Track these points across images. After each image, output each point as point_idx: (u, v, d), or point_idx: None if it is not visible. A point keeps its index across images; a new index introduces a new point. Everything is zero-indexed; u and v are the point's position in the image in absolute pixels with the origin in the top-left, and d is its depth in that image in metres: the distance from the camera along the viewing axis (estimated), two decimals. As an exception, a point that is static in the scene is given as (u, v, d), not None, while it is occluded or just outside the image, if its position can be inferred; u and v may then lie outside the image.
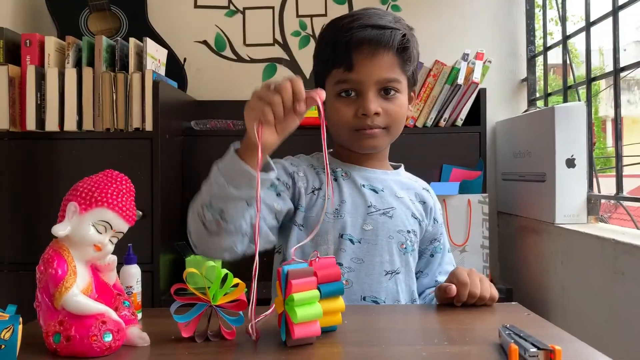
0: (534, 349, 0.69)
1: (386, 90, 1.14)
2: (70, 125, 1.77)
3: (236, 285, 0.83)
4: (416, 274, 1.23)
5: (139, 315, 0.94)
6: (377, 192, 1.18)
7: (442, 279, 1.21)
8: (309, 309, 0.77)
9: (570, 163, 1.71)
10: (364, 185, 1.18)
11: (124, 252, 0.96)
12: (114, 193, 0.80)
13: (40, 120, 1.77)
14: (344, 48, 1.12)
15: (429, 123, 2.01)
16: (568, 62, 1.96)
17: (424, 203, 1.24)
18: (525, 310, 0.99)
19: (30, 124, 1.76)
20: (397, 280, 1.15)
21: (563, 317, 1.68)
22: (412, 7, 2.26)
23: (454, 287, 0.99)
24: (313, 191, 1.17)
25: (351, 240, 1.14)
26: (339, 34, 1.13)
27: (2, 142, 1.77)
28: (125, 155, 1.78)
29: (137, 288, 0.94)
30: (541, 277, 1.84)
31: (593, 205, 1.73)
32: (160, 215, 1.78)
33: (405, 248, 1.17)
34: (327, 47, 1.16)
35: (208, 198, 0.98)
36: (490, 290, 1.01)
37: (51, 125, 1.76)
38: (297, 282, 0.78)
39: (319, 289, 0.80)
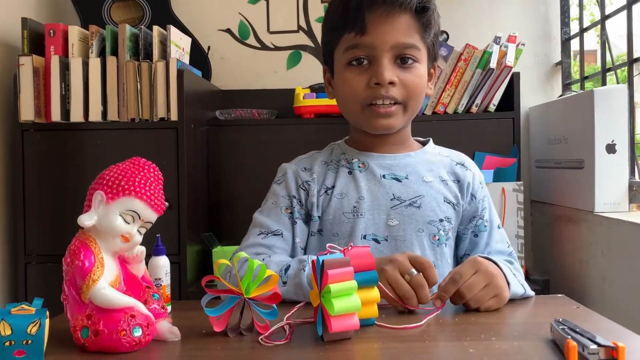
0: (594, 346, 0.63)
1: (403, 59, 1.03)
2: (95, 115, 1.75)
3: (269, 277, 0.79)
4: (462, 257, 1.13)
5: (169, 309, 0.91)
6: (400, 181, 1.08)
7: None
8: (346, 301, 0.73)
9: (611, 149, 1.63)
10: (384, 176, 1.08)
11: (152, 243, 0.92)
12: (142, 181, 0.77)
13: (65, 111, 1.75)
14: (355, 8, 1.01)
15: (460, 109, 1.94)
16: (607, 44, 1.88)
17: (458, 182, 1.11)
18: (574, 302, 0.93)
19: (55, 115, 1.74)
20: None
21: (603, 309, 1.61)
22: (440, -10, 2.19)
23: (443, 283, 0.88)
24: (326, 191, 1.09)
25: (376, 240, 1.06)
26: None
27: (27, 134, 1.76)
28: (150, 146, 1.76)
29: (166, 280, 0.91)
30: (579, 267, 1.77)
31: (635, 193, 1.65)
32: (187, 206, 1.75)
33: (439, 240, 1.07)
34: (337, 11, 1.05)
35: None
36: (486, 301, 0.87)
37: (76, 116, 1.75)
38: (333, 273, 0.73)
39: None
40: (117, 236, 0.75)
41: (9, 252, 1.82)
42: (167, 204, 1.71)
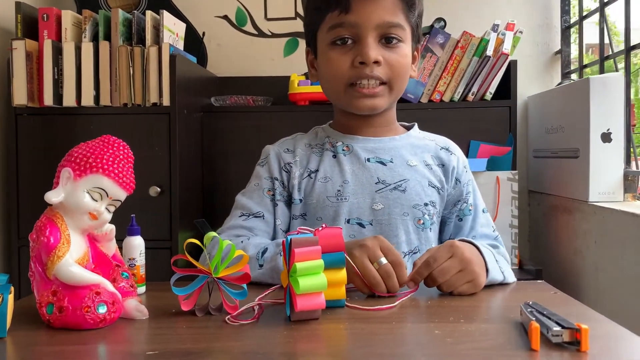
0: (557, 328, 0.62)
1: (388, 39, 1.02)
2: (88, 100, 1.75)
3: (239, 257, 0.78)
4: None
5: (143, 289, 0.91)
6: (385, 165, 1.07)
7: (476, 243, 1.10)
8: (312, 279, 0.72)
9: (606, 137, 1.61)
10: (369, 160, 1.08)
11: (127, 223, 0.92)
12: (110, 159, 0.76)
13: (58, 95, 1.75)
14: None
15: (457, 97, 1.92)
16: (605, 31, 1.84)
17: (442, 166, 1.10)
18: (552, 288, 0.92)
19: (48, 99, 1.74)
20: None
21: (596, 298, 1.60)
22: (439, -23, 2.17)
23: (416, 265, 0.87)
24: (310, 174, 1.08)
25: (360, 224, 1.05)
26: None
27: (21, 118, 1.76)
28: (142, 131, 1.75)
29: (140, 260, 0.90)
30: (573, 257, 1.75)
31: (630, 183, 1.62)
32: (179, 192, 1.74)
33: (423, 224, 1.06)
34: None
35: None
36: (459, 286, 0.86)
37: (68, 100, 1.74)
38: (300, 251, 0.72)
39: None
40: (85, 213, 0.74)
41: (2, 236, 1.83)
42: (157, 188, 1.72)
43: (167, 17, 1.80)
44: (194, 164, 1.92)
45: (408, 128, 1.17)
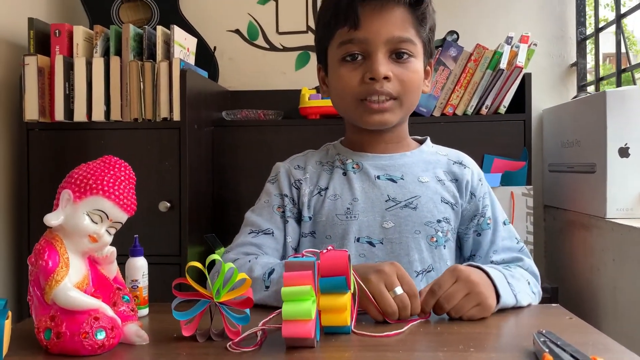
0: (571, 361, 0.59)
1: (398, 54, 1.00)
2: (98, 115, 1.75)
3: (242, 281, 0.76)
4: (468, 258, 1.08)
5: (145, 311, 0.89)
6: (395, 182, 1.05)
7: (498, 258, 1.03)
8: (296, 306, 0.69)
9: (624, 152, 1.57)
10: (378, 177, 1.05)
11: (130, 243, 0.91)
12: (111, 180, 0.75)
13: (69, 110, 1.76)
14: (348, 2, 0.99)
15: (470, 111, 1.89)
16: (622, 43, 1.81)
17: (456, 180, 1.07)
18: (567, 313, 0.88)
19: (59, 115, 1.74)
20: (431, 279, 0.99)
21: (614, 318, 1.55)
22: (452, -11, 2.14)
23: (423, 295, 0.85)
24: (319, 192, 1.06)
25: (370, 243, 1.02)
26: None
27: (32, 133, 1.77)
28: (153, 146, 1.75)
29: (143, 282, 0.89)
30: (590, 275, 1.70)
31: (649, 199, 1.58)
32: (189, 207, 1.73)
33: (437, 241, 1.03)
34: (329, 7, 1.03)
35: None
36: (467, 310, 0.83)
37: (79, 115, 1.75)
38: (289, 275, 0.70)
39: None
40: (85, 236, 0.73)
41: (13, 250, 1.84)
42: (167, 204, 1.71)
43: (178, 32, 1.80)
44: (204, 178, 1.91)
45: (420, 142, 1.15)
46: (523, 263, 1.04)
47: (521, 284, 0.95)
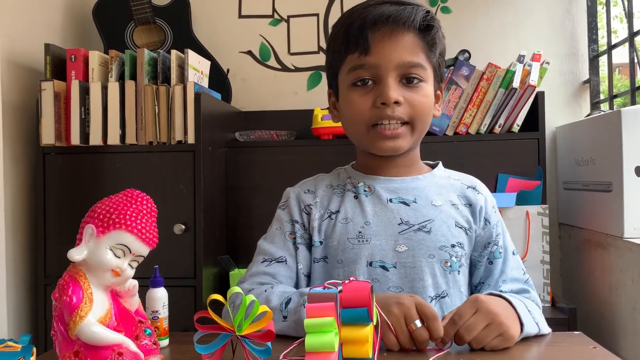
0: (601, 399, 0.58)
1: (409, 79, 1.00)
2: (114, 139, 1.76)
3: (263, 313, 0.76)
4: (477, 286, 1.08)
5: (166, 342, 0.89)
6: (408, 205, 1.04)
7: (507, 287, 1.03)
8: (319, 337, 0.69)
9: (640, 171, 1.56)
10: (391, 200, 1.05)
11: (151, 273, 0.91)
12: (133, 214, 0.75)
13: (85, 134, 1.77)
14: (358, 28, 0.99)
15: (483, 129, 1.89)
16: (636, 60, 1.81)
17: (470, 205, 1.07)
18: (590, 342, 0.87)
19: (75, 139, 1.76)
20: (444, 305, 1.01)
21: (633, 340, 1.53)
22: (463, 8, 2.14)
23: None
24: (330, 215, 1.06)
25: (384, 267, 1.01)
26: (353, 15, 1.02)
27: (48, 157, 1.79)
28: (168, 168, 1.76)
29: (163, 313, 0.89)
30: (608, 295, 1.68)
31: (667, 218, 1.56)
32: (204, 229, 1.74)
33: (451, 266, 1.01)
34: (339, 32, 1.03)
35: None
36: (489, 341, 0.82)
37: (95, 139, 1.77)
38: (311, 307, 0.70)
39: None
40: (108, 271, 0.73)
41: (29, 273, 1.85)
42: (182, 226, 1.72)
43: (192, 56, 1.81)
44: (219, 200, 1.92)
45: (432, 167, 1.14)
46: (530, 295, 1.03)
47: (537, 313, 0.95)
